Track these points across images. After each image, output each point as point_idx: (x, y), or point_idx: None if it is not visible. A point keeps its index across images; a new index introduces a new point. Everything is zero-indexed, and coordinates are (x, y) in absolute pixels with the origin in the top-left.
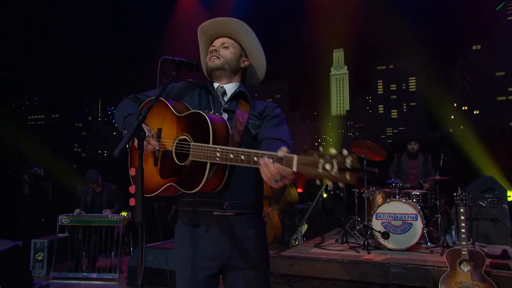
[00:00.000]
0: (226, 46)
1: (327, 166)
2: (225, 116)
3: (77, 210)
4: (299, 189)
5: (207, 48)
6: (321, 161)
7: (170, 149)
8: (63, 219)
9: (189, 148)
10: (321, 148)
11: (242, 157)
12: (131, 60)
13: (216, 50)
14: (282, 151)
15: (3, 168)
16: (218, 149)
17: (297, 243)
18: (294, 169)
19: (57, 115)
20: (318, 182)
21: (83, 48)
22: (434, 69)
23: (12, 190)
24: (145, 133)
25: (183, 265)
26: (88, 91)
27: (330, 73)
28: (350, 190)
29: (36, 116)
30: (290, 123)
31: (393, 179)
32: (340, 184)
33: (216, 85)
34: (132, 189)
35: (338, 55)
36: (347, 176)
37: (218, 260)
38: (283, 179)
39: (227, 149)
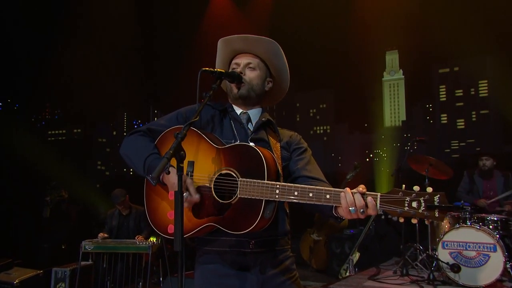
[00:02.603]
0: (252, 67)
1: (414, 204)
2: (253, 145)
3: (101, 235)
4: None
5: (228, 60)
6: (407, 199)
7: (207, 184)
8: (87, 245)
9: (235, 184)
10: (403, 186)
11: (310, 194)
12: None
13: (241, 72)
14: (362, 188)
15: (23, 189)
16: (278, 186)
17: (347, 274)
18: (378, 206)
19: (79, 130)
20: (401, 220)
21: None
22: (510, 69)
23: (33, 213)
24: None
25: None
26: (113, 103)
27: (383, 79)
28: None
29: (56, 131)
30: (337, 135)
31: (462, 201)
32: (427, 222)
33: (238, 110)
34: (170, 215)
35: (392, 58)
36: (436, 214)
37: None
38: (364, 212)
39: (289, 186)
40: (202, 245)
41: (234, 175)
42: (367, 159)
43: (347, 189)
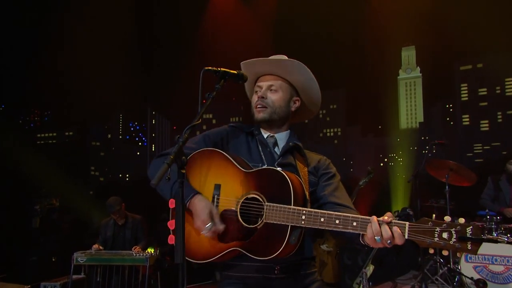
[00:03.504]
0: (274, 90)
1: (445, 235)
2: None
3: (95, 246)
4: None
5: (253, 82)
6: (437, 229)
7: (233, 208)
8: (79, 257)
9: (261, 208)
10: (433, 216)
11: (337, 221)
12: (160, 67)
13: (263, 97)
14: (390, 216)
15: (9, 197)
16: (304, 212)
17: None
18: (406, 236)
19: (70, 133)
20: (431, 251)
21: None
22: None
23: (20, 223)
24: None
25: None
26: (107, 104)
27: (398, 77)
28: None
29: (46, 134)
30: (348, 139)
31: (487, 210)
32: (458, 254)
33: (265, 134)
34: (171, 224)
35: (408, 54)
36: (468, 246)
37: None
38: (391, 243)
39: (316, 212)
40: (224, 269)
41: (261, 199)
42: (381, 164)
43: (374, 217)
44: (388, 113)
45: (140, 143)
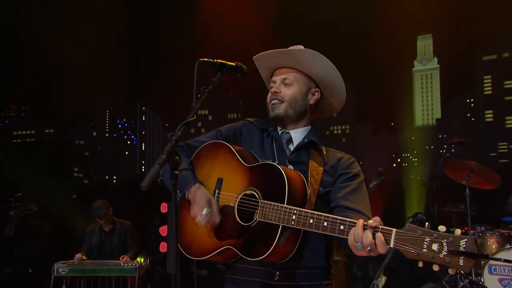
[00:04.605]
0: (289, 83)
1: (434, 247)
2: (290, 168)
3: (78, 256)
4: None
5: (268, 77)
6: (427, 239)
7: (232, 204)
8: (60, 268)
9: (257, 205)
10: (427, 224)
11: (325, 223)
12: (150, 60)
13: (277, 91)
14: (377, 221)
15: None
16: (295, 211)
17: None
18: (392, 244)
19: (51, 130)
20: (420, 264)
21: (84, 46)
22: None
23: None
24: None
25: None
26: (93, 99)
27: (413, 69)
28: (447, 229)
29: (23, 132)
30: (358, 137)
31: None
32: (450, 271)
33: (280, 130)
34: (163, 230)
35: (425, 44)
36: (460, 262)
37: None
38: (372, 251)
39: (306, 212)
40: (227, 272)
41: (257, 196)
42: (394, 165)
43: (360, 221)
44: (401, 109)
45: (128, 142)
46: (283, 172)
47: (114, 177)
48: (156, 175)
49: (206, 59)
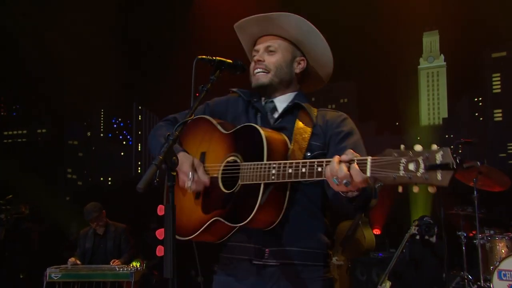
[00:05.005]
0: (272, 50)
1: (411, 166)
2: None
3: (71, 260)
4: (376, 230)
5: (250, 48)
6: (403, 160)
7: (216, 175)
8: (53, 273)
9: (239, 170)
10: (402, 146)
11: (303, 169)
12: (146, 57)
13: (260, 60)
14: (349, 153)
15: None
16: (274, 165)
17: None
18: (368, 173)
19: (43, 130)
20: (400, 189)
21: (78, 42)
22: None
23: None
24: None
25: None
26: (87, 98)
27: (419, 66)
28: (453, 233)
29: (15, 132)
30: (362, 137)
31: None
32: (430, 189)
33: (264, 100)
34: (160, 233)
35: (431, 41)
36: (438, 176)
37: None
38: (349, 184)
39: (284, 163)
40: (220, 250)
41: (239, 160)
42: None
43: (336, 157)
44: (407, 108)
45: (124, 142)
46: (260, 131)
47: (109, 179)
48: (153, 176)
49: (204, 57)
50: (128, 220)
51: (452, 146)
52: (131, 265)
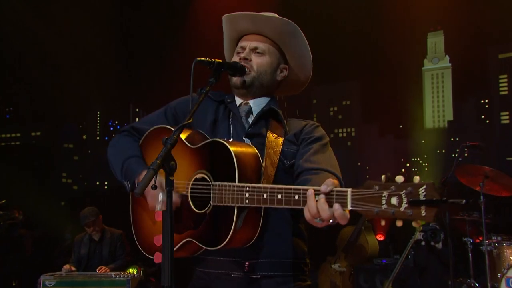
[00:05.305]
0: (260, 53)
1: (393, 201)
2: (247, 142)
3: (66, 267)
4: (380, 235)
5: (234, 42)
6: (384, 194)
7: (184, 192)
8: (47, 281)
9: (210, 189)
10: (383, 177)
11: (279, 196)
12: (144, 57)
13: (247, 58)
14: (329, 184)
15: None
16: (247, 188)
17: None
18: (349, 207)
19: (38, 133)
20: (399, 223)
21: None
22: None
23: None
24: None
25: None
26: (83, 100)
27: (423, 68)
28: (459, 239)
29: (8, 135)
30: (364, 140)
31: None
32: (414, 224)
33: (238, 101)
34: (158, 240)
35: (436, 41)
36: (422, 212)
37: None
38: (334, 220)
39: (258, 187)
40: (195, 265)
41: (208, 179)
42: (403, 170)
43: (310, 190)
44: (410, 110)
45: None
46: (230, 148)
47: (106, 183)
48: (149, 181)
49: (203, 59)
50: (124, 226)
51: (458, 149)
52: (128, 272)
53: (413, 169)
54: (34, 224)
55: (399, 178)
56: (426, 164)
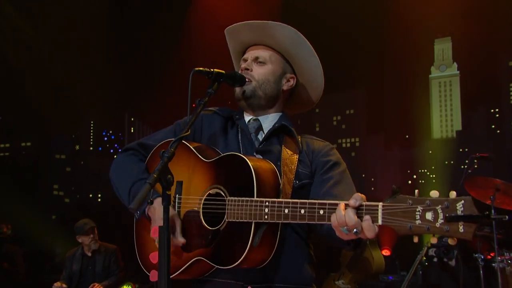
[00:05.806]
0: (262, 62)
1: (428, 216)
2: (259, 157)
3: (57, 285)
4: (386, 250)
5: (238, 56)
6: (419, 208)
7: (196, 208)
8: None
9: (224, 204)
10: (416, 191)
11: (302, 211)
12: (140, 65)
13: (248, 69)
14: (358, 198)
15: None
16: (267, 203)
17: None
18: (380, 221)
19: (28, 143)
20: (416, 239)
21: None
22: None
23: None
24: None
25: None
26: (76, 109)
27: (430, 76)
28: (469, 255)
29: None
30: (369, 150)
31: None
32: (450, 241)
33: (247, 117)
34: (153, 257)
35: (443, 48)
36: (460, 229)
37: None
38: (358, 233)
39: (279, 202)
40: (191, 286)
41: (223, 194)
42: (410, 182)
43: (341, 203)
44: (417, 120)
45: (115, 156)
46: (249, 162)
47: (99, 195)
48: (145, 196)
49: (201, 69)
50: (119, 241)
51: (467, 161)
52: None
53: (420, 181)
54: (23, 239)
55: (434, 193)
56: (434, 176)
